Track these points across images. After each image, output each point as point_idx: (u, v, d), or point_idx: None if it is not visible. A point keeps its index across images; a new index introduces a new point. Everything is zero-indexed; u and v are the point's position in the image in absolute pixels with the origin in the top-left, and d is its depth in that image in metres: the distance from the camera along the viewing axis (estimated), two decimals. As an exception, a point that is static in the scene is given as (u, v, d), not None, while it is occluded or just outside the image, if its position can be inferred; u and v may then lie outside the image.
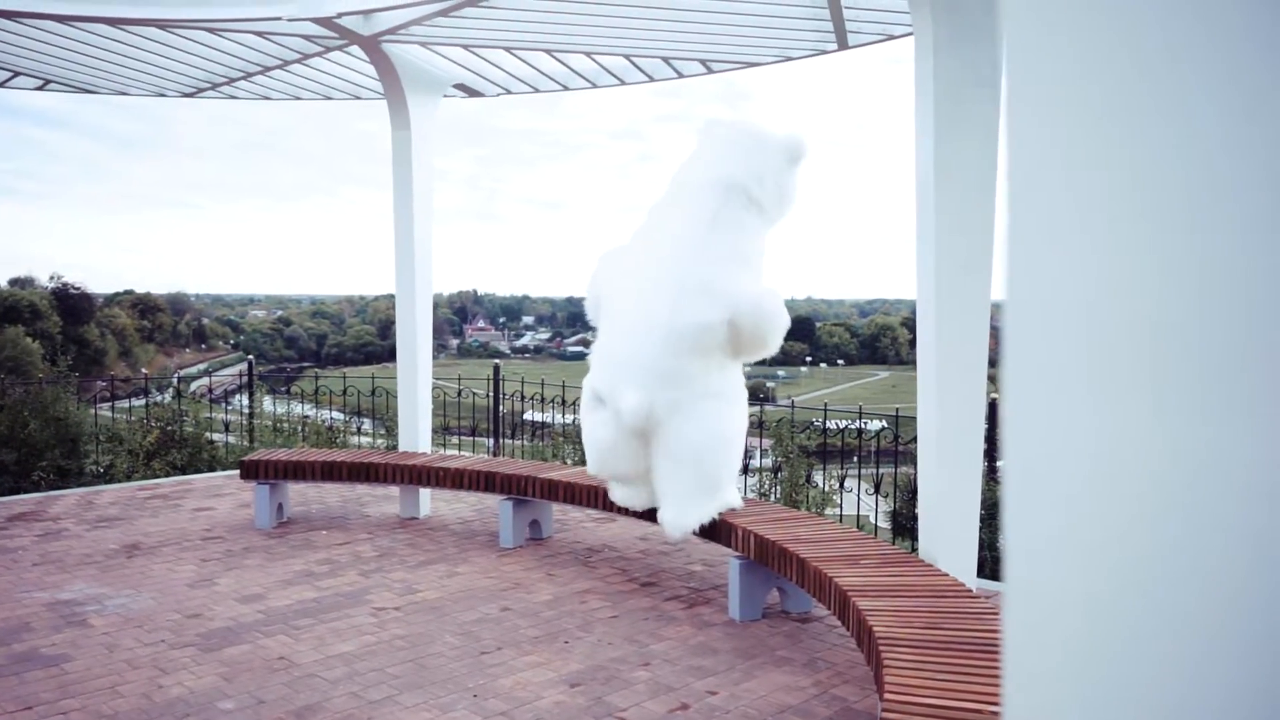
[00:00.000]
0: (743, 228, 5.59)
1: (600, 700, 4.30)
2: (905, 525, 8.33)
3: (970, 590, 4.20)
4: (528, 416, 11.70)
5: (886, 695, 3.02)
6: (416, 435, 7.86)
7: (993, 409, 6.48)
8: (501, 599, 5.75)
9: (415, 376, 7.83)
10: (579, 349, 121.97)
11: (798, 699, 4.34)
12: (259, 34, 7.12)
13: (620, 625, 5.31)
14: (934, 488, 4.85)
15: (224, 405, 15.03)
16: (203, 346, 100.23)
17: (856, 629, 3.96)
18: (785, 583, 5.43)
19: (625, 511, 6.26)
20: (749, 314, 5.45)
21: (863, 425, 9.31)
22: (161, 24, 6.86)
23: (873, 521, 9.59)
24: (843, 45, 7.19)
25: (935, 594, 4.12)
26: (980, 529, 5.14)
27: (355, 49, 7.42)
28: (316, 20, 6.66)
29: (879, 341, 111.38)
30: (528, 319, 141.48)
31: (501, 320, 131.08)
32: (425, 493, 7.83)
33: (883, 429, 9.34)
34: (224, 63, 7.89)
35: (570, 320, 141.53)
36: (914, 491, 8.68)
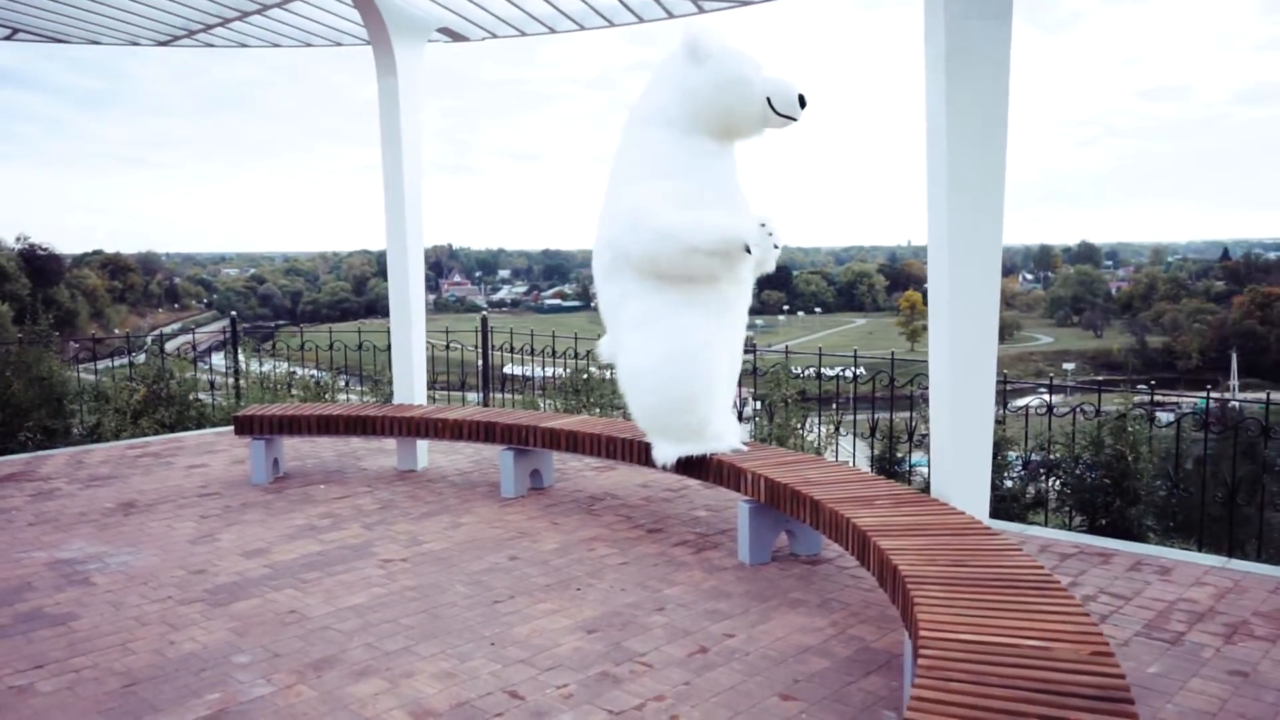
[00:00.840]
0: (654, 143, 5.48)
1: (619, 646, 4.29)
2: (888, 470, 8.38)
3: (989, 528, 4.20)
4: (518, 370, 11.62)
5: (922, 633, 3.01)
6: (412, 388, 7.77)
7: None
8: (508, 548, 5.72)
9: (409, 330, 7.72)
10: (556, 302, 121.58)
11: (816, 639, 4.35)
12: (238, -24, 6.89)
13: (630, 572, 5.30)
14: (947, 429, 4.84)
15: (205, 364, 14.84)
16: (175, 306, 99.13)
17: (879, 569, 3.95)
18: (795, 525, 5.43)
19: (624, 458, 6.24)
20: (617, 227, 5.44)
21: (857, 372, 9.28)
22: (137, -33, 6.61)
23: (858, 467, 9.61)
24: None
25: (954, 532, 4.12)
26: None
27: (338, -9, 7.20)
28: (298, -39, 6.44)
29: (855, 289, 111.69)
30: (504, 272, 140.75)
31: (478, 274, 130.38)
32: (423, 445, 7.76)
33: (859, 374, 9.35)
34: (200, 7, 7.64)
35: (547, 273, 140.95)
36: (902, 436, 8.74)
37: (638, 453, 6.15)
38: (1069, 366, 70.30)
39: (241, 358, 11.61)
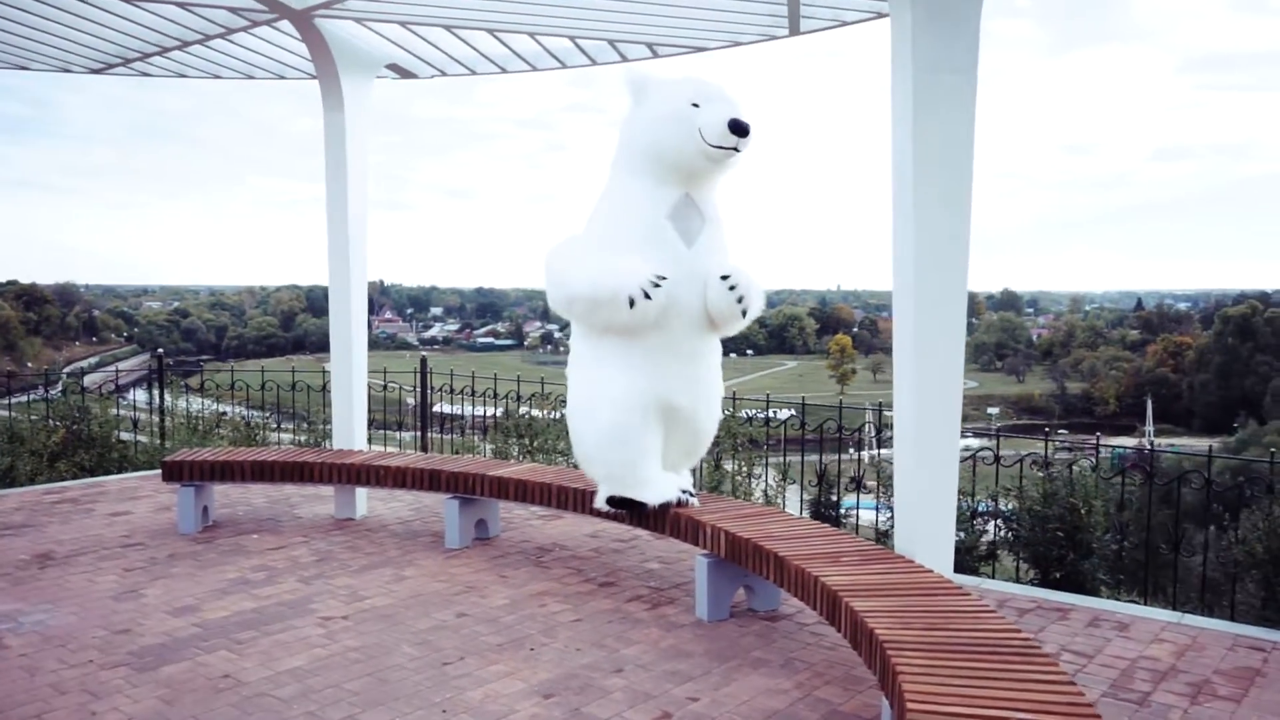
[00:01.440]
0: (606, 189, 5.44)
1: (578, 712, 4.09)
2: (825, 514, 8.34)
3: (959, 587, 4.11)
4: (458, 410, 11.36)
5: (909, 705, 2.88)
6: (352, 431, 7.48)
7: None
8: (456, 604, 5.47)
9: (351, 371, 7.45)
10: (489, 340, 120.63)
11: (782, 703, 4.19)
12: (180, 4, 6.64)
13: (585, 629, 5.09)
14: (912, 483, 4.76)
15: (125, 401, 14.23)
16: (94, 339, 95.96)
17: (851, 631, 3.83)
18: (755, 580, 5.28)
19: (574, 508, 6.06)
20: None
21: (803, 418, 9.22)
22: (72, -9, 6.34)
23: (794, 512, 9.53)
24: (794, 31, 7.07)
25: (925, 592, 4.02)
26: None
27: (285, 24, 6.99)
28: (245, -9, 6.24)
29: (786, 332, 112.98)
30: (436, 310, 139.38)
31: (409, 311, 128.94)
32: (361, 492, 7.46)
33: (790, 417, 9.33)
34: (139, 35, 7.36)
35: (480, 311, 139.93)
36: (837, 480, 8.70)
37: (589, 502, 5.97)
38: (993, 411, 71.86)
39: (168, 396, 11.14)
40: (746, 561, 4.90)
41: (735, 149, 5.04)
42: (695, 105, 5.07)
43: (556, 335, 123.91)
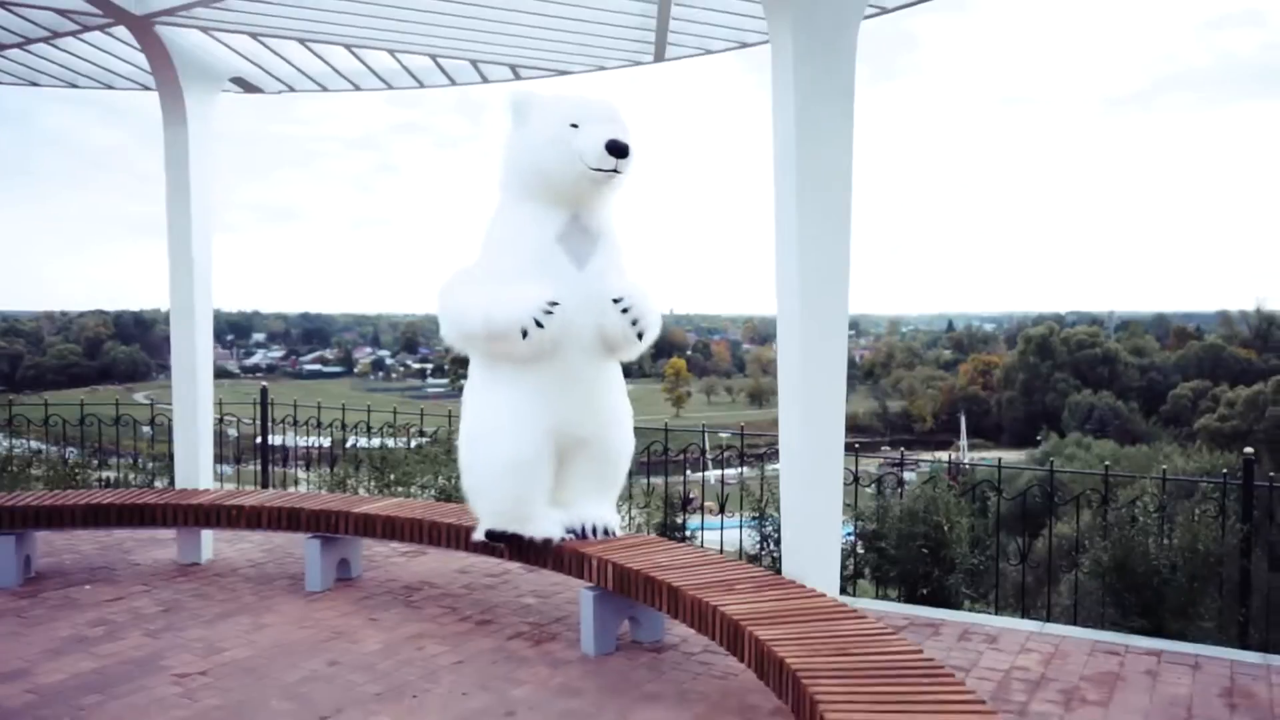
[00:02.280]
0: (494, 214, 5.35)
1: (474, 761, 3.88)
2: (672, 536, 8.43)
3: (855, 610, 4.16)
4: (303, 442, 10.80)
5: (838, 735, 2.86)
6: (197, 470, 6.96)
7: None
8: (325, 652, 5.13)
9: (195, 404, 6.94)
10: (316, 367, 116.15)
11: (683, 737, 4.12)
12: (1, 4, 6.06)
13: (468, 671, 4.87)
14: (798, 505, 4.81)
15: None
16: None
17: (757, 660, 3.80)
18: (639, 610, 5.20)
19: (446, 544, 5.84)
20: None
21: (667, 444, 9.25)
22: None
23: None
24: (659, 58, 7.12)
25: (824, 617, 4.05)
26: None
27: (120, 30, 6.49)
28: (78, -7, 5.75)
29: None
30: (259, 336, 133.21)
31: (229, 337, 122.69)
32: (207, 534, 6.94)
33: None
34: (-54, 37, 6.67)
35: (306, 337, 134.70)
36: (680, 501, 8.83)
37: (463, 538, 5.75)
38: (822, 429, 74.43)
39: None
40: (636, 593, 4.81)
41: (615, 170, 4.94)
42: (574, 126, 4.96)
43: (388, 361, 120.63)
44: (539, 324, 4.80)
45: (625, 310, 4.95)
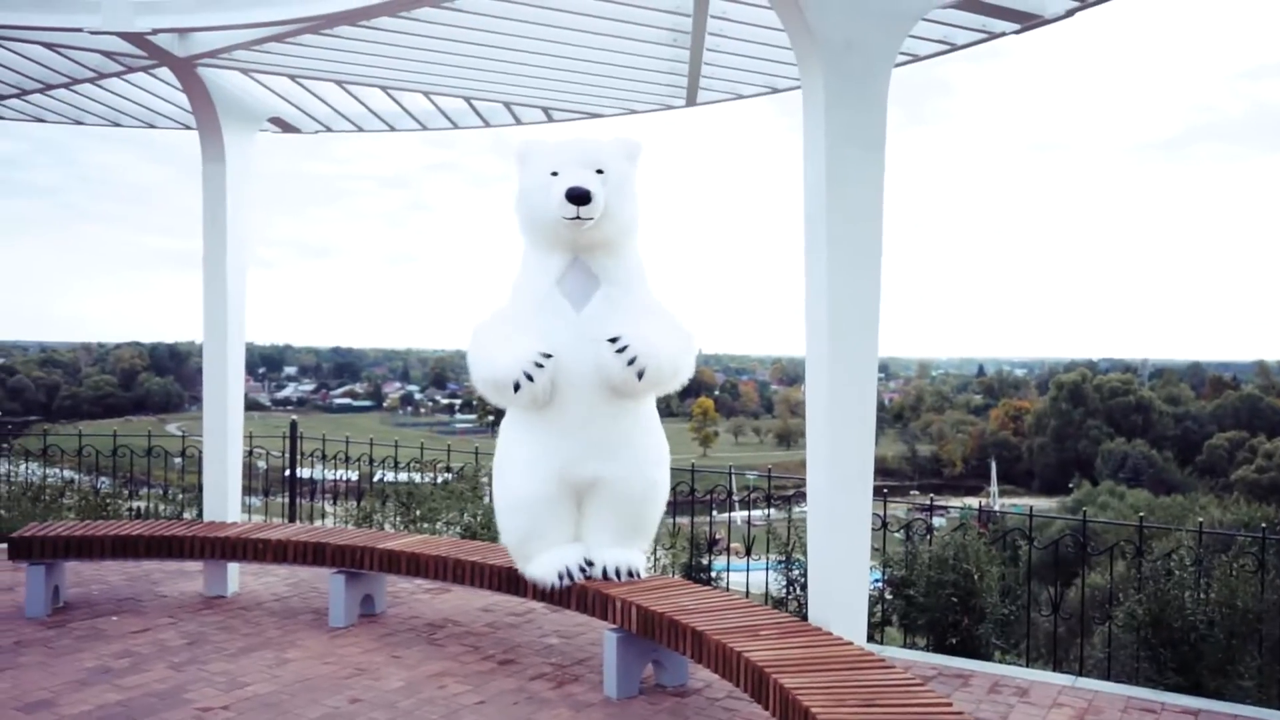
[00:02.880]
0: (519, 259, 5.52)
1: (493, 805, 3.84)
2: (697, 577, 8.37)
3: (882, 659, 4.09)
4: (331, 475, 10.84)
5: (864, 788, 2.80)
6: (226, 502, 7.00)
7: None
8: (347, 688, 5.12)
9: (225, 437, 7.00)
10: (346, 401, 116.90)
11: (705, 785, 4.05)
12: (49, 46, 6.23)
13: (490, 712, 4.83)
14: (825, 550, 4.75)
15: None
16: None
17: (782, 708, 3.73)
18: (663, 654, 5.14)
19: (471, 582, 5.84)
20: None
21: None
22: (-74, 25, 5.85)
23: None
24: (691, 102, 7.18)
25: (851, 666, 3.98)
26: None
27: (163, 71, 6.64)
28: (124, 35, 5.89)
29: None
30: (290, 369, 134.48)
31: (261, 370, 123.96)
32: (233, 567, 6.96)
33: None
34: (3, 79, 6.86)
35: (337, 371, 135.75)
36: (706, 543, 8.75)
37: (487, 576, 5.74)
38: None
39: (5, 463, 10.24)
40: (660, 636, 4.77)
41: (577, 217, 4.97)
42: (554, 174, 5.09)
43: (417, 396, 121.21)
44: (530, 377, 4.91)
45: (621, 350, 4.92)
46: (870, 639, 6.81)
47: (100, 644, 5.76)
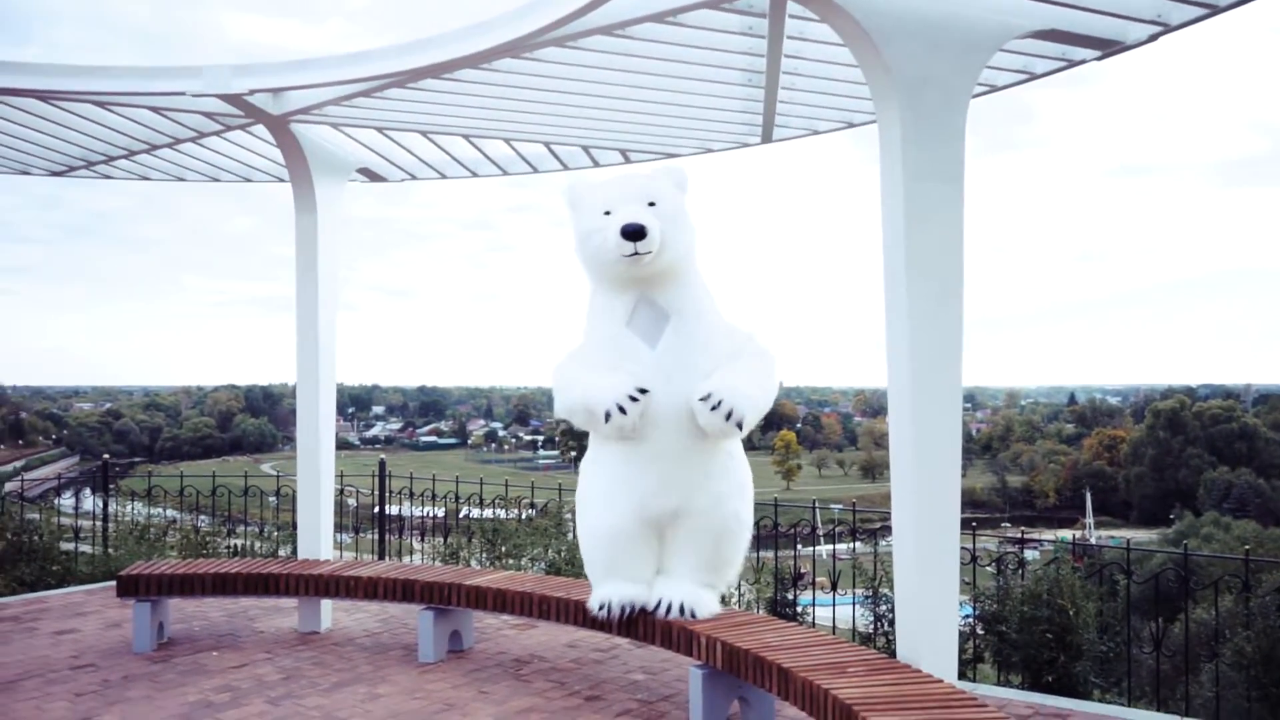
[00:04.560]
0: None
1: (582, 841, 3.86)
2: (783, 612, 8.29)
3: (975, 698, 4.01)
4: (419, 512, 11.06)
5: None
6: (319, 540, 7.20)
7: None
8: (437, 724, 5.21)
9: (318, 477, 7.22)
10: (432, 439, 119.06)
11: (794, 825, 4.01)
12: (154, 110, 6.59)
13: (577, 748, 4.87)
14: (913, 585, 4.68)
15: (48, 505, 13.59)
16: (20, 442, 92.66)
17: (871, 747, 3.69)
18: (750, 691, 5.11)
19: (555, 617, 5.89)
20: None
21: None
22: (44, 95, 6.24)
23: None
24: (767, 139, 7.24)
25: (941, 704, 3.91)
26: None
27: (259, 128, 6.96)
28: (224, 97, 6.20)
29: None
30: (378, 409, 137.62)
31: (350, 410, 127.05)
32: (327, 604, 7.15)
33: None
34: (107, 139, 7.26)
35: (423, 410, 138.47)
36: (791, 577, 8.66)
37: (572, 611, 5.79)
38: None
39: (113, 503, 10.69)
40: (746, 673, 4.75)
41: (636, 253, 4.99)
42: (607, 214, 5.11)
43: (500, 433, 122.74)
44: (622, 410, 4.93)
45: (714, 407, 4.89)
46: (962, 676, 6.66)
47: (202, 679, 5.97)
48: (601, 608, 5.35)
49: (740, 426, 4.94)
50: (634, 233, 4.93)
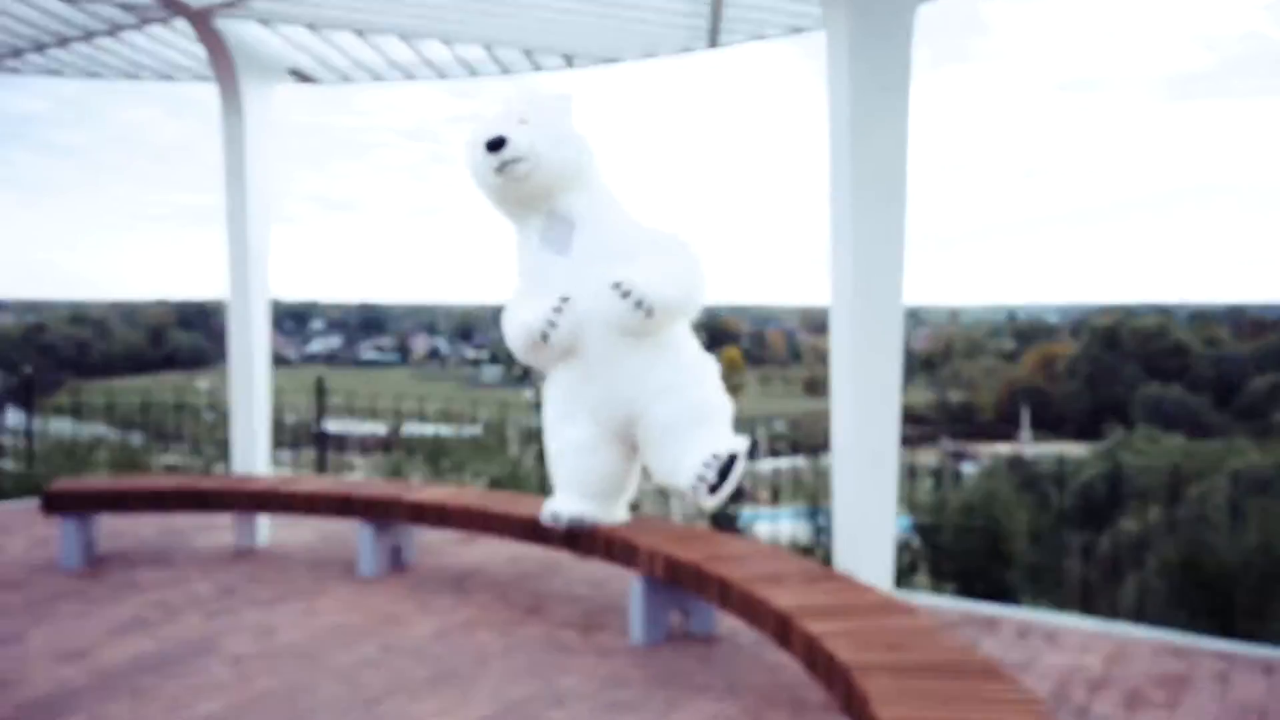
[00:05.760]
0: None
1: (522, 750, 3.88)
2: (723, 527, 8.39)
3: (908, 605, 4.07)
4: (359, 429, 10.94)
5: (890, 733, 2.79)
6: (254, 456, 7.07)
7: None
8: (377, 636, 5.18)
9: (251, 391, 7.04)
10: (374, 356, 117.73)
11: (732, 730, 4.07)
12: (64, -1, 6.19)
13: (518, 659, 4.88)
14: (851, 498, 4.72)
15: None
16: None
17: (807, 654, 3.73)
18: (690, 603, 5.16)
19: (489, 532, 5.92)
20: None
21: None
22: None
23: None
24: (713, 44, 7.03)
25: (878, 611, 3.97)
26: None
27: (180, 23, 6.58)
28: (138, -14, 5.83)
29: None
30: (318, 324, 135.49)
31: (289, 326, 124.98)
32: (264, 520, 7.04)
33: None
34: (14, 30, 6.83)
35: (365, 326, 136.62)
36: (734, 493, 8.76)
37: (514, 526, 5.77)
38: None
39: (38, 420, 10.40)
40: (687, 585, 4.77)
41: (503, 166, 5.03)
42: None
43: (444, 350, 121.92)
44: (553, 324, 5.04)
45: (625, 295, 4.88)
46: (898, 586, 6.81)
47: (134, 595, 5.86)
48: (551, 518, 5.39)
49: (651, 314, 4.91)
50: (494, 144, 4.99)
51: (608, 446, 5.32)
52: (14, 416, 10.79)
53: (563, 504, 5.41)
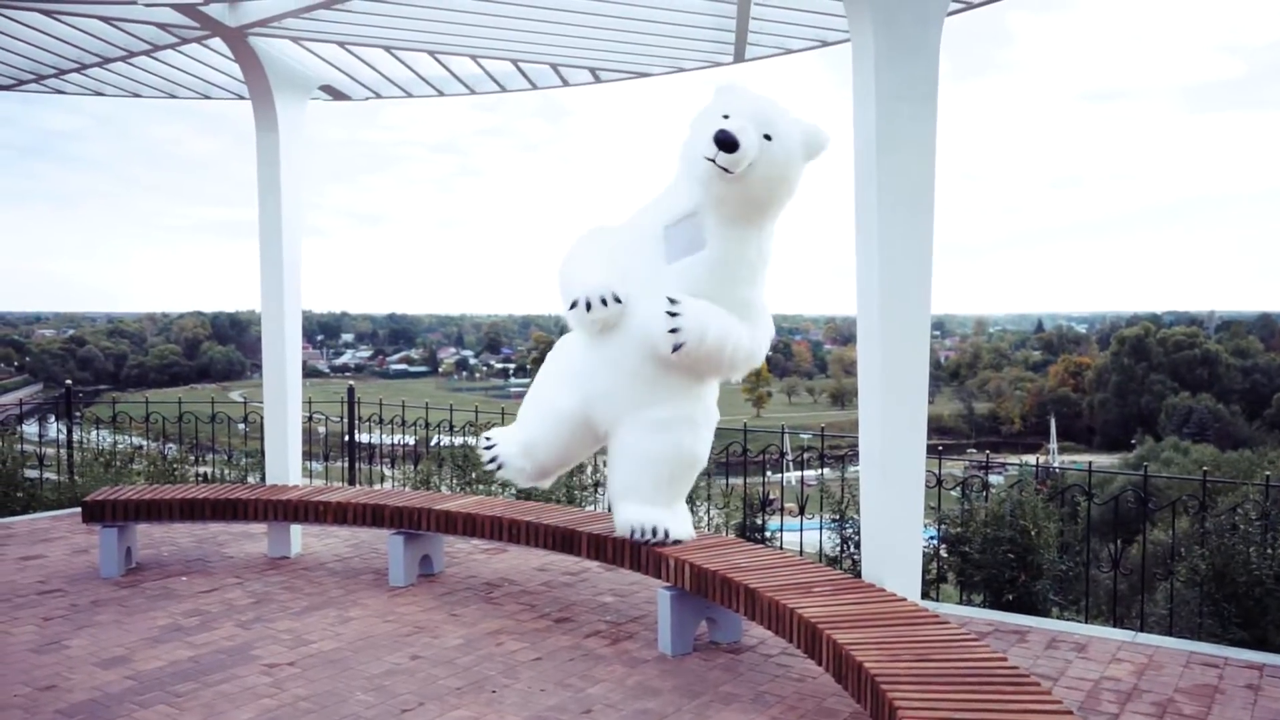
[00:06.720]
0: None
1: (552, 757, 3.92)
2: (751, 537, 8.38)
3: (937, 615, 4.08)
4: (389, 440, 11.02)
5: (917, 742, 2.80)
6: (287, 466, 7.17)
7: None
8: (407, 645, 5.24)
9: (284, 403, 7.15)
10: (403, 367, 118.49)
11: (760, 739, 4.09)
12: (105, 20, 6.34)
13: (546, 668, 4.92)
14: (878, 508, 4.73)
15: (12, 433, 13.41)
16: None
17: (835, 664, 3.75)
18: (717, 611, 5.18)
19: (526, 541, 5.94)
20: None
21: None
22: (-14, 3, 5.98)
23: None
24: (739, 58, 7.08)
25: (905, 621, 3.97)
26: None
27: (215, 42, 6.72)
28: (177, 7, 5.96)
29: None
30: (347, 336, 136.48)
31: (319, 338, 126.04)
32: (296, 529, 7.14)
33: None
34: (58, 51, 7.00)
35: (393, 337, 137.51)
36: (760, 503, 8.75)
37: (542, 535, 5.82)
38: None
39: (78, 431, 10.56)
40: (713, 594, 4.80)
41: (714, 160, 4.71)
42: (725, 116, 4.83)
43: (471, 361, 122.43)
44: (589, 306, 5.03)
45: (672, 315, 4.85)
46: (925, 596, 6.79)
47: (171, 603, 5.96)
48: (489, 445, 5.63)
49: (675, 351, 4.93)
50: (724, 142, 4.67)
51: (580, 432, 5.47)
52: (54, 428, 10.97)
53: (508, 439, 5.63)
